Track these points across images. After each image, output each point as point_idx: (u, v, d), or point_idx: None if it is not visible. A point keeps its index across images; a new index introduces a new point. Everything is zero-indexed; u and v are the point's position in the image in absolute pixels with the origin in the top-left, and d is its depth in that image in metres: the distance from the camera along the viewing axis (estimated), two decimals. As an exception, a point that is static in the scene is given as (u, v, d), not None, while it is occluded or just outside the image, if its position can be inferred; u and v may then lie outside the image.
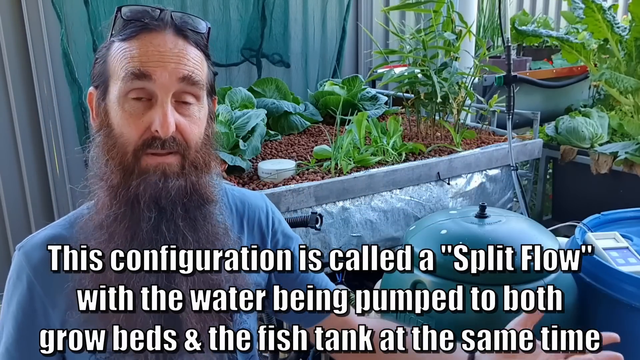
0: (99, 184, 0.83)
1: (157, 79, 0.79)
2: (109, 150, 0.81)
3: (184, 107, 0.83)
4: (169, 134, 0.79)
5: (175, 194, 0.81)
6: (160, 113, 0.79)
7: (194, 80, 0.82)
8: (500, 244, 1.18)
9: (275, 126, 2.58)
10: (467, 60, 2.54)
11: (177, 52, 0.81)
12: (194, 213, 0.83)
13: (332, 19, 3.47)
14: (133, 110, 0.80)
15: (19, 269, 0.87)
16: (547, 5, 4.85)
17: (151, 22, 0.81)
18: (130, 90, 0.79)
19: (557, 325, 0.91)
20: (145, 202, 0.79)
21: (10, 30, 2.63)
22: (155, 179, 0.80)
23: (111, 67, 0.82)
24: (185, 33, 0.83)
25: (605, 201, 2.35)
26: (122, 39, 0.81)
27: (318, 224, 1.58)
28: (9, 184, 2.77)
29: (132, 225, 0.80)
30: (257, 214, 1.04)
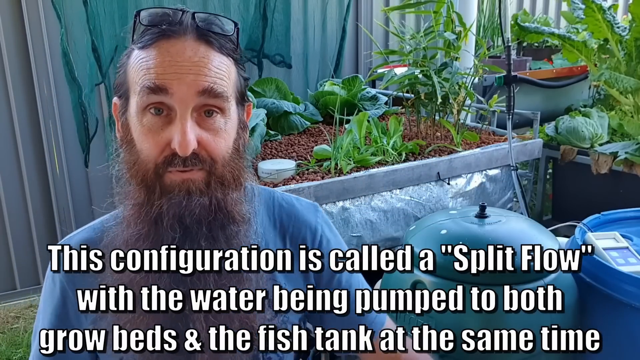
0: (124, 202, 0.80)
1: (174, 92, 0.73)
2: (131, 168, 0.77)
3: (207, 121, 0.76)
4: (188, 153, 0.73)
5: (200, 212, 0.76)
6: (179, 130, 0.73)
7: (215, 92, 0.75)
8: (500, 244, 1.19)
9: (275, 126, 2.58)
10: (467, 60, 2.54)
11: (196, 61, 0.74)
12: (216, 232, 0.78)
13: (332, 19, 3.47)
14: (151, 125, 0.75)
15: (53, 276, 0.87)
16: (547, 5, 4.85)
17: (169, 29, 0.74)
18: (148, 104, 0.74)
19: (557, 325, 0.91)
20: (169, 221, 0.75)
21: (10, 30, 2.63)
22: (179, 198, 0.75)
23: (130, 79, 0.77)
24: (207, 38, 0.76)
25: (605, 201, 2.35)
26: (140, 47, 0.76)
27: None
28: (9, 184, 2.77)
29: (155, 245, 0.76)
30: (303, 231, 0.97)
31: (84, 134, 2.67)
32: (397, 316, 1.26)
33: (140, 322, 0.78)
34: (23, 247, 2.89)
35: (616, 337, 1.21)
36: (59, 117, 2.81)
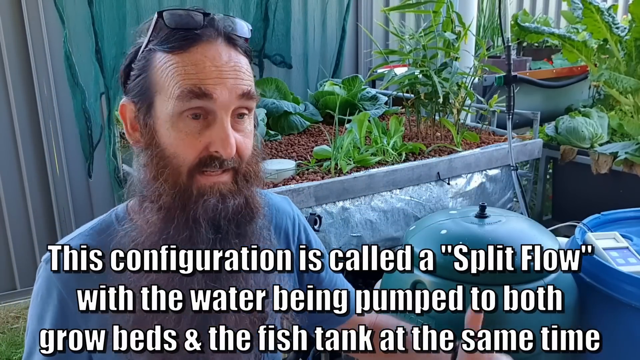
0: (144, 204, 0.79)
1: (217, 97, 0.73)
2: (161, 172, 0.76)
3: (239, 123, 0.78)
4: (232, 154, 0.75)
5: (233, 212, 0.77)
6: (221, 134, 0.74)
7: (251, 94, 0.77)
8: (500, 244, 1.19)
9: (275, 126, 2.58)
10: (467, 60, 2.54)
11: (232, 65, 0.75)
12: (244, 228, 0.80)
13: (332, 19, 3.47)
14: (189, 129, 0.75)
15: (48, 283, 0.82)
16: (547, 5, 4.85)
17: (203, 33, 0.75)
18: (188, 109, 0.74)
19: (557, 325, 0.91)
20: (206, 226, 0.76)
21: (10, 30, 2.63)
22: (214, 200, 0.76)
23: (159, 83, 0.75)
24: (235, 42, 0.78)
25: (605, 201, 2.35)
26: (168, 51, 0.75)
27: (317, 225, 1.58)
28: (9, 184, 2.77)
29: (193, 249, 0.76)
30: (285, 220, 1.00)
31: (87, 142, 2.63)
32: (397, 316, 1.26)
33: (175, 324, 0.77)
34: (23, 247, 2.89)
35: (616, 337, 1.21)
36: (59, 117, 2.81)
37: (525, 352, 1.11)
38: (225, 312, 0.79)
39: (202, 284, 0.77)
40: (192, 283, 0.76)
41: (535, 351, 1.12)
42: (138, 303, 0.77)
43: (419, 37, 2.31)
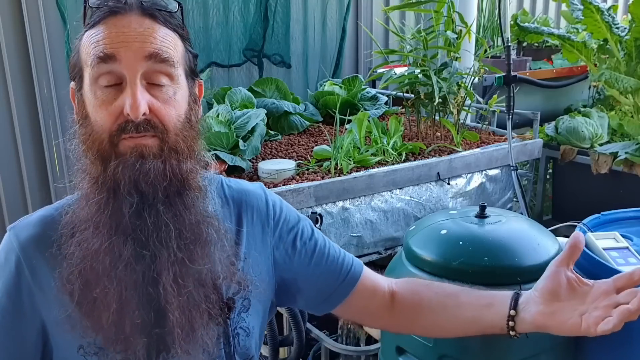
0: (81, 176, 0.82)
1: (122, 59, 0.77)
2: (86, 140, 0.80)
3: (156, 89, 0.80)
4: (139, 115, 0.76)
5: (155, 176, 0.78)
6: (129, 94, 0.77)
7: (162, 57, 0.79)
8: (500, 244, 1.18)
9: (275, 126, 2.58)
10: (467, 60, 2.54)
11: (141, 31, 0.78)
12: (174, 199, 0.80)
13: (332, 19, 3.47)
14: (105, 96, 0.78)
15: (8, 248, 0.85)
16: (547, 5, 4.85)
17: (115, 6, 0.79)
18: (99, 75, 0.78)
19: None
20: (125, 186, 0.77)
21: (10, 30, 2.63)
22: (132, 160, 0.77)
23: (82, 56, 0.81)
24: (152, 12, 0.80)
25: (605, 201, 2.35)
26: (90, 27, 0.80)
27: (318, 224, 1.58)
28: (9, 184, 2.77)
29: (115, 212, 0.78)
30: (256, 204, 0.99)
31: None
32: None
33: (112, 295, 0.79)
34: (23, 247, 2.89)
35: (616, 337, 1.21)
36: (59, 117, 2.80)
37: (525, 352, 1.11)
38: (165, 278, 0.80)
39: (132, 249, 0.78)
40: (123, 248, 0.78)
41: (536, 351, 1.12)
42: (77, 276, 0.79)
43: (420, 36, 2.31)
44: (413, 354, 1.19)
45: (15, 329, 0.84)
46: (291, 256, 1.00)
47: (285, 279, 1.00)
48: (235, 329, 0.92)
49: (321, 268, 1.00)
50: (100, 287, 0.79)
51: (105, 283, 0.78)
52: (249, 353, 0.96)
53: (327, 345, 1.67)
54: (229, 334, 0.90)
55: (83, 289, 0.79)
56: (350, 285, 1.01)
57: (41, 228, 0.85)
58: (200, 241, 0.83)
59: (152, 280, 0.80)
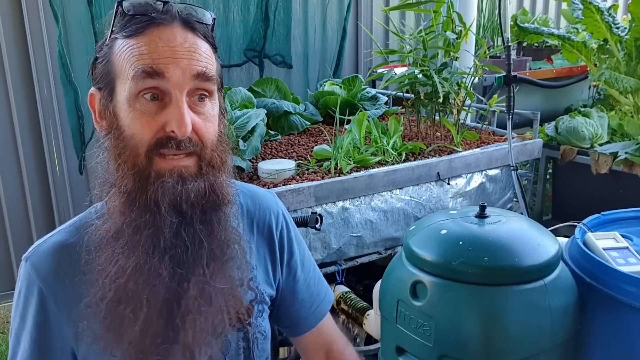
0: (110, 191, 0.79)
1: (170, 76, 0.75)
2: (121, 154, 0.77)
3: (198, 105, 0.79)
4: (187, 134, 0.75)
5: (195, 196, 0.77)
6: (176, 113, 0.75)
7: (208, 75, 0.78)
8: (500, 244, 1.18)
9: (275, 126, 2.58)
10: (467, 60, 2.54)
11: (187, 46, 0.76)
12: (210, 215, 0.80)
13: (332, 19, 3.47)
14: (145, 109, 0.76)
15: (29, 281, 0.84)
16: (547, 5, 4.85)
17: (159, 16, 0.76)
18: (142, 89, 0.75)
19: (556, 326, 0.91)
20: (166, 208, 0.76)
21: (10, 30, 2.63)
22: (172, 182, 0.76)
23: (117, 66, 0.77)
24: (193, 26, 0.78)
25: (605, 201, 2.35)
26: (126, 36, 0.77)
27: (318, 224, 1.58)
28: (9, 184, 2.77)
29: (155, 232, 0.77)
30: (268, 215, 1.00)
31: (79, 139, 2.64)
32: (396, 317, 1.26)
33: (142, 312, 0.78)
34: (23, 247, 2.88)
35: (616, 337, 1.21)
36: (59, 117, 2.81)
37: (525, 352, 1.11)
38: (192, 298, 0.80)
39: (169, 268, 0.78)
40: (160, 267, 0.77)
41: (535, 351, 1.12)
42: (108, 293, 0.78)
43: (420, 36, 2.31)
44: (413, 354, 1.20)
45: (45, 355, 0.84)
46: (284, 274, 1.03)
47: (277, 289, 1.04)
48: (254, 333, 0.93)
49: (300, 294, 1.05)
50: (132, 305, 0.78)
51: (139, 301, 0.77)
52: (264, 355, 0.98)
53: None
54: (249, 338, 0.91)
55: (114, 305, 0.78)
56: (317, 320, 1.07)
57: (59, 257, 0.83)
58: (226, 258, 0.83)
59: (177, 297, 0.80)
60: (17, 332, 0.85)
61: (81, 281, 0.80)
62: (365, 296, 1.96)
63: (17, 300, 0.86)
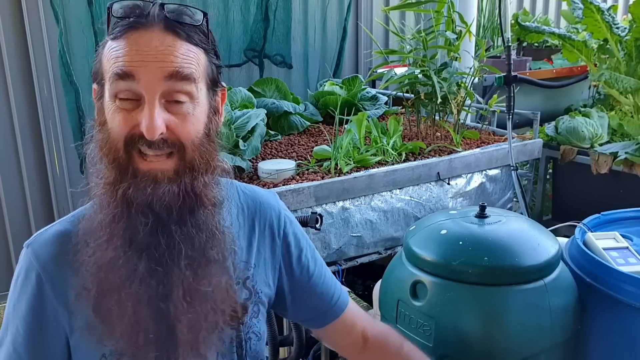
0: (97, 182, 0.82)
1: (140, 79, 0.76)
2: (103, 146, 0.80)
3: (175, 106, 0.79)
4: (155, 137, 0.76)
5: (169, 200, 0.78)
6: (146, 115, 0.76)
7: (182, 75, 0.77)
8: (500, 244, 1.19)
9: (275, 126, 2.58)
10: (467, 60, 2.54)
11: (162, 49, 0.77)
12: (186, 217, 0.80)
13: (332, 19, 3.46)
14: (124, 106, 0.78)
15: (28, 266, 0.85)
16: (547, 5, 4.85)
17: (137, 20, 0.77)
18: (118, 91, 0.77)
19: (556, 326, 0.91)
20: (139, 207, 0.77)
21: (10, 30, 2.63)
22: (144, 184, 0.77)
23: (104, 67, 0.80)
24: (175, 29, 0.78)
25: (605, 201, 2.35)
26: (112, 38, 0.79)
27: (318, 224, 1.58)
28: (9, 184, 2.76)
29: (130, 226, 0.78)
30: (269, 214, 1.01)
31: (80, 139, 2.65)
32: (396, 317, 1.26)
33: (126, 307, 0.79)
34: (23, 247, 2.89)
35: (616, 337, 1.21)
36: (59, 117, 2.80)
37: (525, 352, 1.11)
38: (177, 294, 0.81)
39: (147, 265, 0.79)
40: (136, 263, 0.79)
41: (535, 351, 1.12)
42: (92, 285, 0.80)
43: (420, 36, 2.31)
44: (413, 354, 1.19)
45: (42, 345, 0.85)
46: (295, 270, 1.03)
47: (284, 289, 1.03)
48: (247, 333, 0.94)
49: (317, 288, 1.05)
50: (115, 298, 0.79)
51: (121, 295, 0.79)
52: (259, 356, 0.99)
53: (327, 345, 1.67)
54: (242, 338, 0.92)
55: (98, 297, 0.80)
56: (335, 314, 1.06)
57: (59, 245, 0.85)
58: (204, 260, 0.83)
59: (163, 296, 0.80)
60: (9, 317, 0.86)
61: (77, 270, 0.82)
62: (365, 296, 1.96)
63: (15, 284, 0.87)
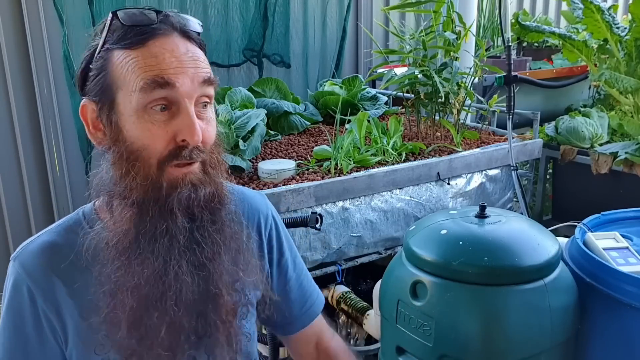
0: (114, 202, 0.80)
1: (180, 86, 0.76)
2: (132, 166, 0.77)
3: (202, 111, 0.81)
4: (200, 141, 0.77)
5: (204, 200, 0.80)
6: (187, 122, 0.76)
7: (212, 80, 0.80)
8: (500, 244, 1.18)
9: (275, 126, 2.58)
10: (467, 60, 2.54)
11: (191, 55, 0.78)
12: (218, 215, 0.83)
13: (332, 19, 3.46)
14: (156, 121, 0.76)
15: (17, 279, 0.84)
16: (547, 5, 4.85)
17: (159, 27, 0.77)
18: (152, 100, 0.76)
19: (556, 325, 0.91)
20: (180, 215, 0.78)
21: (10, 30, 2.63)
22: (187, 192, 0.78)
23: (120, 78, 0.77)
24: (190, 35, 0.80)
25: (605, 201, 2.35)
26: (126, 47, 0.77)
27: (318, 224, 1.58)
28: (9, 184, 2.77)
29: (172, 239, 0.78)
30: (257, 216, 1.02)
31: (85, 141, 2.65)
32: (396, 317, 1.26)
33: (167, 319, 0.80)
34: (23, 247, 2.88)
35: (616, 337, 1.21)
36: (59, 117, 2.80)
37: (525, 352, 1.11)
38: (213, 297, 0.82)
39: (188, 272, 0.79)
40: (179, 271, 0.79)
41: (536, 351, 1.12)
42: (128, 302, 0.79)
43: (420, 36, 2.31)
44: (413, 354, 1.20)
45: (40, 354, 0.85)
46: (275, 273, 1.04)
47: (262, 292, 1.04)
48: (237, 335, 0.93)
49: (292, 294, 1.06)
50: (157, 314, 0.79)
51: (161, 309, 0.79)
52: (251, 357, 0.99)
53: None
54: (232, 340, 0.92)
55: (137, 313, 0.79)
56: (310, 318, 1.08)
57: (46, 256, 0.84)
58: (241, 250, 0.86)
59: (211, 297, 0.82)
60: (2, 330, 0.86)
61: (72, 283, 0.81)
62: (365, 296, 1.96)
63: (4, 298, 0.86)
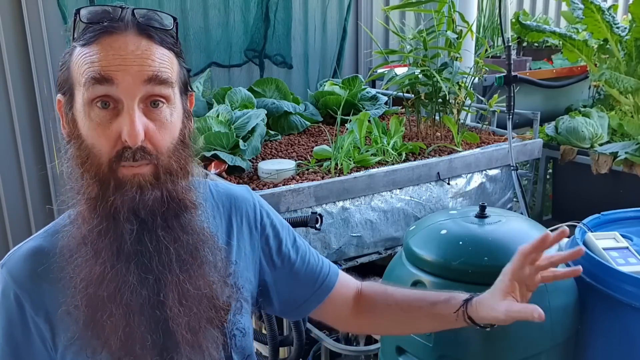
0: (77, 198, 0.81)
1: (119, 83, 0.75)
2: (83, 163, 0.78)
3: (154, 111, 0.79)
4: (138, 142, 0.76)
5: (153, 204, 0.78)
6: (127, 120, 0.75)
7: (161, 79, 0.78)
8: (500, 244, 1.18)
9: (275, 126, 2.58)
10: (467, 60, 2.54)
11: (139, 53, 0.76)
12: (172, 222, 0.81)
13: (332, 19, 3.46)
14: (100, 119, 0.77)
15: (4, 286, 0.85)
16: (547, 5, 4.85)
17: (110, 25, 0.77)
18: (94, 97, 0.76)
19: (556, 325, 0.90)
20: (125, 215, 0.77)
21: (10, 30, 2.63)
22: (131, 193, 0.77)
23: (74, 74, 0.78)
24: (148, 32, 0.78)
25: (605, 201, 2.35)
26: (82, 44, 0.78)
27: (318, 224, 1.58)
28: (9, 184, 2.76)
29: (117, 239, 0.78)
30: (245, 208, 1.01)
31: None
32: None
33: (120, 319, 0.79)
34: (23, 247, 2.88)
35: (616, 337, 1.21)
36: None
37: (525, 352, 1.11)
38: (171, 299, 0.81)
39: (137, 275, 0.79)
40: (126, 274, 0.79)
41: (536, 351, 1.12)
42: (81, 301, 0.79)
43: (420, 36, 2.31)
44: (413, 354, 1.20)
45: None
46: (275, 261, 1.03)
47: (266, 282, 1.04)
48: (231, 330, 0.94)
49: (300, 276, 1.04)
50: (107, 312, 0.79)
51: (112, 308, 0.79)
52: (246, 352, 0.99)
53: (327, 345, 1.67)
54: (226, 335, 0.92)
55: (89, 313, 0.79)
56: (324, 294, 1.06)
57: (34, 261, 0.84)
58: (197, 261, 0.84)
59: (158, 303, 0.81)
60: None
61: (57, 286, 0.81)
62: (365, 296, 1.96)
63: None
